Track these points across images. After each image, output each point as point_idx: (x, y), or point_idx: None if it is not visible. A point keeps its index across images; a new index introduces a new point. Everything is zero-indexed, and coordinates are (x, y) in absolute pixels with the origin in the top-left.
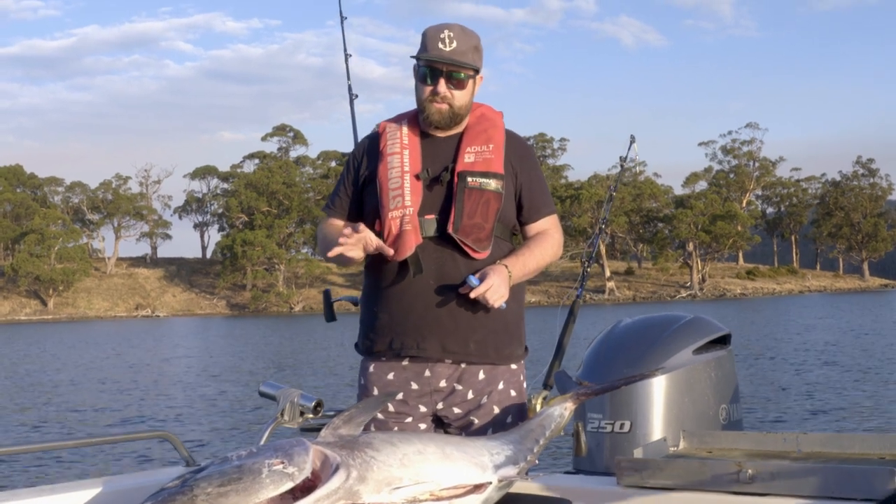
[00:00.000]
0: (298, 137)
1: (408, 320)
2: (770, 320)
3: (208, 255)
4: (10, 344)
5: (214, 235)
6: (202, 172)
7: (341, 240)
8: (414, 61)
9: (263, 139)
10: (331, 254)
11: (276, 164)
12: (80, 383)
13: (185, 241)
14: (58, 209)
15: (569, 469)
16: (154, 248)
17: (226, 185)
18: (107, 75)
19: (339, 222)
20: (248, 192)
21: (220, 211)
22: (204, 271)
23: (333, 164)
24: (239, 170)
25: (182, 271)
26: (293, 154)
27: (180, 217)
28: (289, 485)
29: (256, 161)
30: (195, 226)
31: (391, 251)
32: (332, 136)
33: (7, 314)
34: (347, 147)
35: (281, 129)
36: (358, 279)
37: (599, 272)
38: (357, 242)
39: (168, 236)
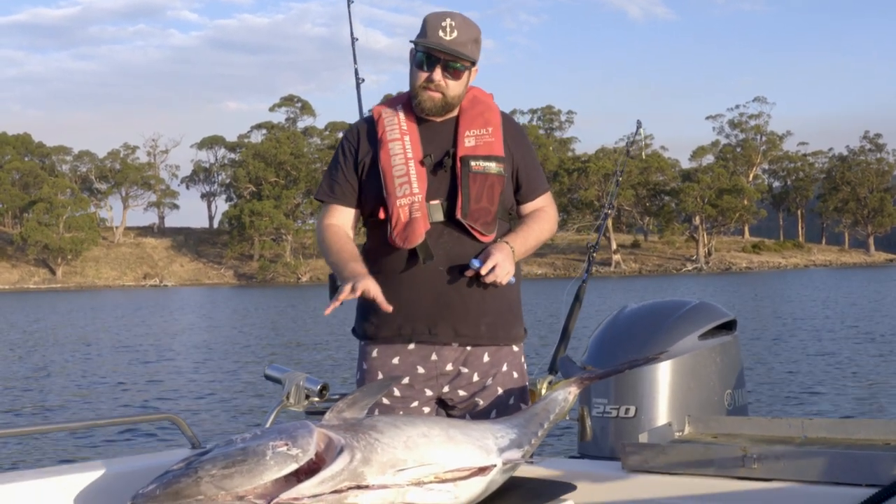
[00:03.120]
0: (306, 108)
1: (418, 307)
2: (776, 298)
3: (215, 224)
4: (20, 312)
5: (221, 205)
6: (209, 142)
7: (339, 299)
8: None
9: (271, 110)
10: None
11: (283, 134)
12: (88, 362)
13: (192, 211)
14: (66, 178)
15: (573, 453)
16: (161, 218)
17: (233, 156)
18: (112, 45)
19: (341, 210)
20: (255, 163)
21: (228, 181)
22: (211, 241)
23: (340, 134)
24: (246, 140)
25: (189, 241)
26: (301, 125)
27: (188, 187)
28: (293, 467)
29: (264, 131)
30: (202, 196)
31: (389, 308)
32: (337, 107)
33: (16, 282)
34: (354, 119)
35: (289, 100)
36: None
37: (606, 245)
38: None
39: (175, 206)
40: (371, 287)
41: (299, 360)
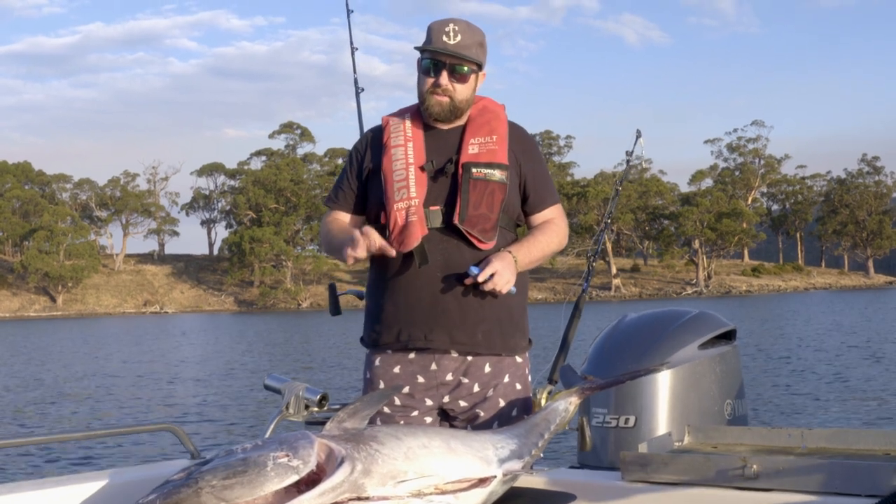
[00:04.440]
0: (306, 135)
1: (415, 312)
2: (775, 316)
3: (215, 251)
4: (23, 339)
5: (221, 232)
6: (209, 169)
7: (349, 251)
8: (418, 55)
9: (271, 136)
10: (338, 256)
11: (283, 161)
12: (90, 379)
13: (192, 238)
14: (66, 206)
15: (573, 464)
16: (162, 245)
17: (233, 183)
18: (111, 72)
19: (343, 216)
20: (255, 189)
21: (228, 208)
22: (211, 268)
23: (340, 161)
24: (246, 167)
25: (190, 268)
26: (300, 151)
27: (187, 214)
28: (294, 478)
29: (264, 158)
30: (202, 222)
31: (392, 251)
32: (336, 133)
33: (16, 310)
34: (353, 142)
35: (288, 127)
36: (366, 275)
37: (605, 269)
38: (362, 246)
39: (176, 233)
40: (375, 238)
41: (303, 374)
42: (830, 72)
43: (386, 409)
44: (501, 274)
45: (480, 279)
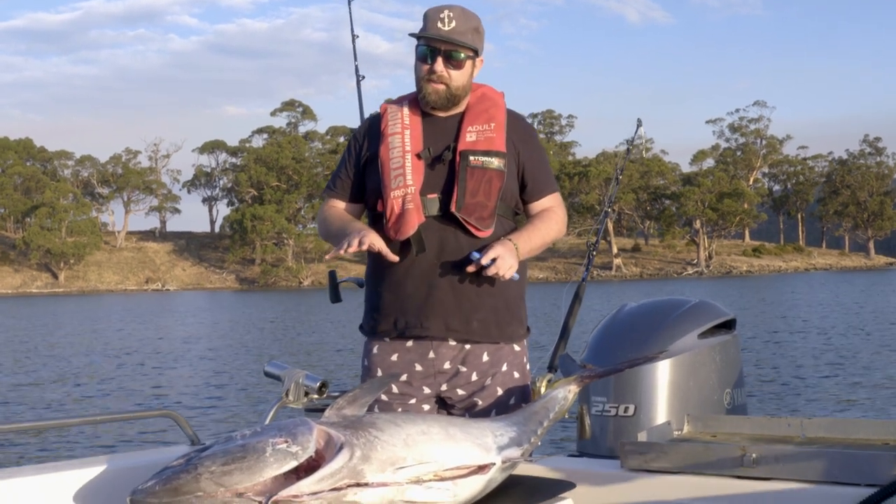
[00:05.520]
0: (307, 113)
1: (411, 299)
2: (776, 300)
3: (217, 229)
4: (25, 318)
5: (223, 210)
6: (211, 147)
7: (348, 250)
8: (415, 41)
9: (272, 114)
10: (334, 244)
11: (285, 139)
12: (89, 361)
13: (193, 216)
14: (68, 183)
15: (573, 452)
16: (163, 223)
17: (235, 160)
18: (111, 49)
19: (340, 204)
20: (257, 167)
21: (230, 185)
22: (213, 245)
23: (342, 139)
24: (248, 144)
25: (191, 245)
26: (302, 129)
27: (189, 191)
28: (292, 464)
29: (265, 136)
30: (204, 200)
31: (395, 258)
32: (336, 111)
33: (18, 287)
34: (354, 123)
35: (290, 105)
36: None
37: (606, 249)
38: (354, 248)
39: (177, 210)
40: (375, 241)
41: (306, 361)
42: (832, 53)
43: (384, 397)
44: (504, 258)
45: (484, 262)
